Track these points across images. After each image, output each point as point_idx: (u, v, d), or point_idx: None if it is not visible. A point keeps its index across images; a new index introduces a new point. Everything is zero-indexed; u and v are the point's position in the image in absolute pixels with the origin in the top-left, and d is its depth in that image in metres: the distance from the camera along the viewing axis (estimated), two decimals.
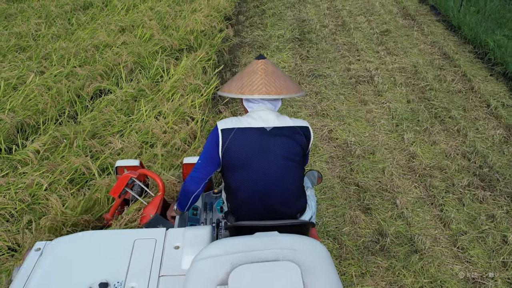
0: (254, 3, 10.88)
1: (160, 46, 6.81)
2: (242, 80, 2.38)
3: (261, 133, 2.30)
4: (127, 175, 2.92)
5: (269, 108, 2.38)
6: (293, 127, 2.36)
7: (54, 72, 6.00)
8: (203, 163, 2.41)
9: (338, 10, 10.40)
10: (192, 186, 2.44)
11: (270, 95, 2.30)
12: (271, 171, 2.31)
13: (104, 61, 6.20)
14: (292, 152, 2.34)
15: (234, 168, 2.34)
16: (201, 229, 2.04)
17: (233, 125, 2.31)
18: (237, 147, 2.29)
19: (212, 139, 2.35)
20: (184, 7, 8.76)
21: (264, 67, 2.38)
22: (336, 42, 8.50)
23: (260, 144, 2.29)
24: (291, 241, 1.71)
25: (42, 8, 8.67)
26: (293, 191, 2.42)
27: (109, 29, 7.42)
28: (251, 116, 2.35)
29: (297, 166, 2.39)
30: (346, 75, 7.15)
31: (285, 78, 2.43)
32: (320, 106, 6.19)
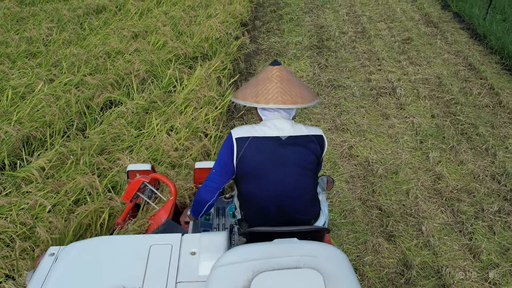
0: (271, 8, 10.63)
1: (173, 54, 6.59)
2: (257, 87, 2.34)
3: (276, 142, 2.28)
4: (139, 179, 2.89)
5: (284, 117, 2.37)
6: (308, 136, 2.34)
7: (64, 81, 5.81)
8: (217, 172, 2.39)
9: (358, 16, 10.12)
10: (206, 195, 2.42)
11: (285, 104, 2.27)
12: (286, 180, 2.30)
13: (115, 70, 6.00)
14: (307, 161, 2.32)
15: (249, 177, 2.33)
16: (217, 235, 2.00)
17: (248, 134, 2.29)
18: (252, 156, 2.27)
19: (226, 148, 2.33)
20: (199, 12, 8.54)
21: (280, 74, 2.35)
22: (356, 50, 8.23)
23: (275, 154, 2.28)
24: (311, 248, 1.71)
25: (54, 11, 8.51)
26: (308, 199, 2.41)
27: (122, 35, 7.23)
28: (266, 125, 2.33)
29: (311, 175, 2.38)
30: (367, 86, 6.88)
31: (300, 85, 2.39)
32: (339, 119, 5.93)
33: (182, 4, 9.02)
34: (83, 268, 1.81)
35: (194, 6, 8.82)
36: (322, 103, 6.38)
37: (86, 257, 1.87)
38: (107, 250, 1.92)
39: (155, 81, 6.06)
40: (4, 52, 6.58)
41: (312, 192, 2.42)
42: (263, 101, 2.27)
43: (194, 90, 5.55)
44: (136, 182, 2.89)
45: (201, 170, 3.29)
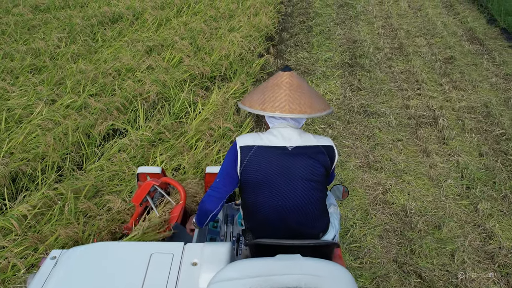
0: (300, 18, 9.99)
1: (189, 73, 6.01)
2: (265, 94, 2.25)
3: (282, 152, 2.21)
4: (150, 183, 2.88)
5: (291, 125, 2.29)
6: (317, 146, 2.26)
7: (66, 102, 5.30)
8: (221, 181, 2.33)
9: (395, 30, 9.39)
10: (210, 205, 2.36)
11: (293, 113, 2.17)
12: (291, 193, 2.22)
13: (123, 92, 5.44)
14: (315, 173, 2.25)
15: (253, 187, 2.26)
16: (220, 246, 1.98)
17: (253, 142, 2.23)
18: (256, 166, 2.21)
19: (230, 157, 2.27)
20: (221, 24, 7.95)
21: (290, 80, 2.25)
22: (392, 69, 7.52)
23: (280, 164, 2.21)
24: (314, 266, 1.68)
25: (67, 19, 8.04)
26: (315, 213, 2.30)
27: (135, 49, 6.68)
28: (272, 133, 2.26)
29: (319, 187, 2.29)
30: (404, 114, 6.18)
31: (311, 93, 2.29)
32: (373, 155, 5.26)
33: (204, 14, 8.45)
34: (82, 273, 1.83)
35: (217, 17, 8.23)
36: (353, 134, 5.71)
37: (86, 262, 1.89)
38: (108, 256, 1.93)
39: (166, 105, 5.48)
40: (7, 67, 6.11)
41: (320, 205, 2.33)
42: (269, 109, 2.18)
43: (207, 120, 4.95)
44: (146, 185, 2.87)
45: (212, 175, 3.24)
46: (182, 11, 8.74)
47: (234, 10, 8.69)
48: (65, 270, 1.84)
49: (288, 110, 2.17)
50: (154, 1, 9.01)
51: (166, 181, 3.00)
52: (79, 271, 1.84)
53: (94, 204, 3.74)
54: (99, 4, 9.03)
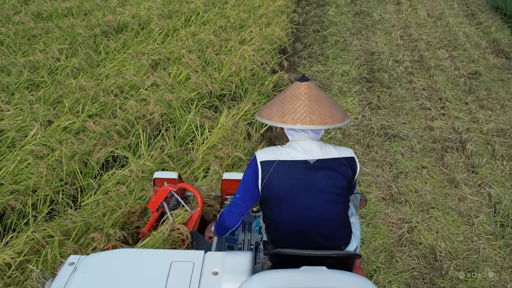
0: (314, 27, 9.58)
1: (196, 92, 5.62)
2: (284, 105, 2.21)
3: (304, 166, 2.18)
4: (167, 188, 2.86)
5: (311, 138, 2.27)
6: (339, 158, 2.24)
7: (64, 124, 4.93)
8: (241, 197, 2.31)
9: (414, 40, 8.96)
10: (230, 221, 2.37)
11: (314, 125, 2.15)
12: (315, 207, 2.20)
13: (124, 114, 5.06)
14: (337, 186, 2.22)
15: (275, 202, 2.23)
16: (242, 255, 1.97)
17: (273, 157, 2.20)
18: (278, 181, 2.18)
19: (250, 172, 2.24)
20: (231, 35, 7.54)
21: (308, 91, 2.23)
22: (413, 85, 7.09)
23: (303, 179, 2.18)
24: (340, 278, 1.67)
25: (69, 29, 7.68)
26: (338, 226, 2.28)
27: (140, 63, 6.30)
28: (292, 147, 2.23)
29: (342, 200, 2.27)
30: (428, 137, 5.75)
31: (330, 103, 2.27)
32: (396, 186, 4.84)
33: (214, 24, 8.05)
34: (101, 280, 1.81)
35: (227, 28, 7.82)
36: (374, 159, 5.29)
37: (106, 269, 1.88)
38: (128, 263, 1.91)
39: (171, 128, 5.09)
40: (2, 82, 5.75)
41: (343, 218, 2.30)
42: (290, 121, 2.16)
43: (215, 147, 4.56)
44: (163, 191, 2.85)
45: (228, 182, 3.24)
46: (190, 21, 8.36)
47: (245, 20, 8.29)
48: (84, 277, 1.84)
49: (309, 121, 2.14)
50: (161, 9, 8.64)
51: (184, 187, 2.97)
52: (98, 278, 1.84)
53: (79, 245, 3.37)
54: (103, 12, 8.67)
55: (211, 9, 8.87)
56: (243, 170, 4.25)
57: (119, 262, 1.93)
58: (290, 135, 2.31)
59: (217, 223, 2.46)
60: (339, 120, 2.22)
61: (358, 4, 11.25)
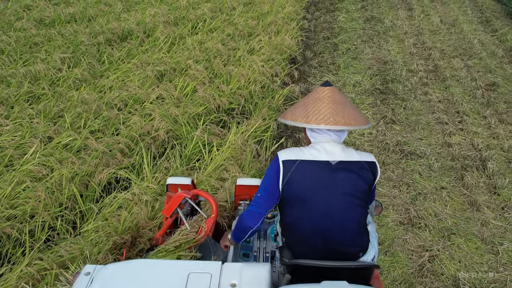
0: (324, 34, 9.33)
1: (204, 106, 5.38)
2: (307, 107, 2.26)
3: (325, 167, 2.18)
4: (181, 195, 2.83)
5: (334, 140, 2.28)
6: (360, 162, 2.23)
7: (64, 141, 4.71)
8: (262, 197, 2.30)
9: (428, 49, 8.70)
10: (250, 221, 2.34)
11: (337, 125, 2.17)
12: (334, 209, 2.18)
13: (128, 130, 4.83)
14: (358, 189, 2.21)
15: (294, 203, 2.22)
16: (260, 268, 1.96)
17: (296, 157, 2.20)
18: (299, 181, 2.18)
19: (272, 171, 2.25)
20: (239, 44, 7.30)
21: (331, 95, 2.27)
22: (429, 97, 6.84)
23: (324, 179, 2.17)
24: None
25: (72, 36, 7.46)
26: (357, 230, 2.25)
27: (144, 74, 6.07)
28: (315, 148, 2.24)
29: (362, 205, 2.24)
30: (446, 154, 5.51)
31: (353, 107, 2.31)
32: (414, 209, 4.60)
33: (221, 31, 7.81)
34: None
35: (235, 36, 7.58)
36: (390, 179, 5.05)
37: (122, 280, 1.87)
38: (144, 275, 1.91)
39: (176, 146, 4.86)
40: (2, 94, 5.54)
41: (362, 223, 2.28)
42: (313, 121, 2.20)
43: (223, 167, 4.32)
44: (178, 197, 2.83)
45: (242, 187, 3.24)
46: (197, 28, 8.12)
47: (253, 27, 8.04)
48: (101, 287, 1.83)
49: (333, 122, 2.17)
50: (167, 16, 8.41)
51: (198, 193, 2.97)
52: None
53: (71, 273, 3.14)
54: (107, 18, 8.45)
55: (218, 16, 8.63)
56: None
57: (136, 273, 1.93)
58: (312, 137, 2.32)
59: (236, 225, 2.45)
60: (362, 122, 2.24)
61: (369, 10, 11.00)
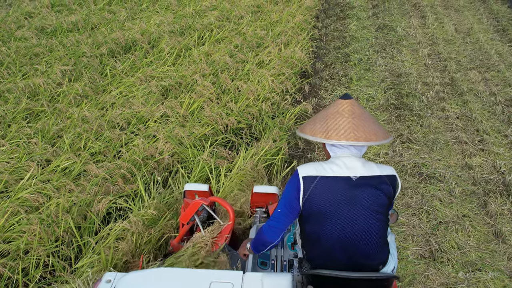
0: (335, 43, 9.05)
1: (211, 127, 5.11)
2: (327, 121, 2.24)
3: (346, 183, 2.19)
4: (199, 202, 2.88)
5: (354, 155, 2.27)
6: (381, 176, 2.23)
7: (63, 164, 4.46)
8: (282, 212, 2.32)
9: (443, 60, 8.40)
10: (270, 236, 2.38)
11: (358, 141, 2.16)
12: (356, 224, 2.19)
13: (130, 154, 4.57)
14: (379, 203, 2.22)
15: (315, 218, 2.24)
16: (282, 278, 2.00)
17: (316, 173, 2.21)
18: (320, 197, 2.19)
19: (292, 187, 2.25)
20: (248, 56, 7.03)
21: (351, 108, 2.25)
22: (446, 113, 6.55)
23: (345, 195, 2.18)
24: None
25: (74, 46, 7.22)
26: (378, 244, 2.26)
27: (149, 89, 5.81)
28: (335, 163, 2.24)
29: (382, 218, 2.25)
30: (467, 177, 5.22)
31: (374, 121, 2.29)
32: (436, 240, 4.32)
33: (229, 42, 7.54)
34: None
35: (243, 47, 7.31)
36: (409, 206, 4.77)
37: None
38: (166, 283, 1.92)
39: (181, 170, 4.59)
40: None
41: (382, 236, 2.28)
42: (334, 137, 2.19)
43: (233, 195, 4.05)
44: (195, 204, 2.87)
45: (258, 195, 3.29)
46: (204, 38, 7.86)
47: (262, 38, 7.77)
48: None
49: (353, 137, 2.16)
50: (173, 25, 8.16)
51: (215, 200, 2.97)
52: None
53: None
54: (111, 27, 8.21)
55: (225, 25, 8.37)
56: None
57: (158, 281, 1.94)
58: (332, 152, 2.32)
59: (256, 238, 2.48)
60: (383, 137, 2.23)
61: (380, 17, 10.71)
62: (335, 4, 11.65)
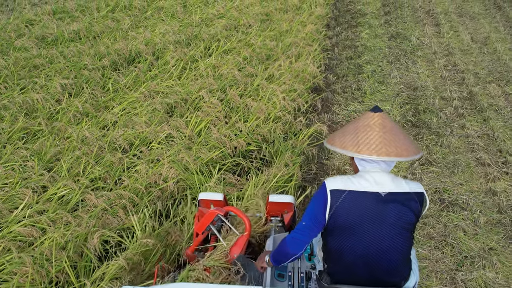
0: (347, 53, 8.74)
1: (219, 150, 4.81)
2: (358, 135, 2.20)
3: (375, 198, 2.16)
4: (214, 212, 2.89)
5: (383, 169, 2.24)
6: (409, 193, 2.20)
7: (60, 192, 4.18)
8: (307, 226, 2.28)
9: (460, 72, 8.08)
10: (294, 249, 2.34)
11: (390, 157, 2.12)
12: (381, 240, 2.18)
13: (132, 181, 4.28)
14: (406, 221, 2.19)
15: (340, 232, 2.22)
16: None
17: (344, 187, 2.19)
18: (347, 211, 2.17)
19: (319, 200, 2.23)
20: (258, 69, 6.73)
21: (382, 122, 2.20)
22: (466, 131, 6.23)
23: (372, 211, 2.16)
24: None
25: (76, 58, 6.94)
26: (402, 261, 2.27)
27: (153, 107, 5.53)
28: (364, 177, 2.21)
29: (408, 236, 2.24)
30: (491, 204, 4.90)
31: (404, 135, 2.25)
32: (461, 277, 4.01)
33: (237, 54, 7.25)
34: None
35: (252, 60, 7.01)
36: (431, 237, 4.46)
37: None
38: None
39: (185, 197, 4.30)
40: None
41: (407, 254, 2.28)
42: (365, 151, 2.14)
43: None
44: (211, 214, 2.88)
45: (274, 204, 3.28)
46: (211, 49, 7.56)
47: (272, 49, 7.46)
48: None
49: (385, 153, 2.13)
50: (178, 34, 7.87)
51: (231, 210, 2.94)
52: None
53: None
54: (114, 35, 7.94)
55: (233, 35, 8.06)
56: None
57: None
58: (361, 166, 2.28)
59: (277, 250, 2.44)
60: (414, 152, 2.19)
61: (393, 25, 10.40)
62: (345, 11, 11.35)
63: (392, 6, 11.77)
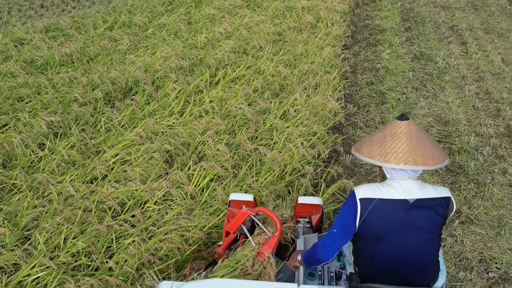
0: (367, 77, 8.03)
1: (223, 213, 4.11)
2: (385, 144, 2.26)
3: (403, 205, 2.25)
4: (246, 212, 2.97)
5: (411, 177, 2.31)
6: (437, 198, 2.29)
7: (34, 274, 3.49)
8: (338, 233, 2.37)
9: (494, 100, 7.35)
10: (325, 255, 2.43)
11: (417, 166, 2.19)
12: (411, 246, 2.27)
13: (122, 259, 3.58)
14: (435, 225, 2.29)
15: (370, 240, 2.30)
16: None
17: (373, 195, 2.26)
18: (377, 219, 2.25)
19: (349, 208, 2.31)
20: (271, 105, 6.00)
21: (408, 130, 2.27)
22: (509, 178, 5.50)
23: (402, 218, 2.25)
24: None
25: (66, 87, 6.26)
26: (431, 263, 2.36)
27: (149, 155, 4.83)
28: (392, 185, 2.29)
29: (437, 239, 2.34)
30: None
31: (431, 143, 2.31)
32: None
33: (246, 83, 6.54)
34: None
35: (264, 91, 6.29)
36: None
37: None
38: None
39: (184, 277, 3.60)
40: None
41: (435, 256, 2.36)
42: (393, 161, 2.20)
43: None
44: (243, 214, 2.96)
45: (302, 206, 3.40)
46: (217, 75, 6.85)
47: (286, 77, 6.74)
48: None
49: (412, 162, 2.17)
50: (181, 59, 7.17)
51: (262, 211, 3.01)
52: None
53: None
54: (110, 59, 7.26)
55: (242, 59, 7.34)
56: None
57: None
58: (389, 173, 2.34)
59: (309, 254, 2.55)
60: (441, 160, 2.24)
61: (415, 43, 9.66)
62: (363, 26, 10.64)
63: (413, 21, 11.04)
